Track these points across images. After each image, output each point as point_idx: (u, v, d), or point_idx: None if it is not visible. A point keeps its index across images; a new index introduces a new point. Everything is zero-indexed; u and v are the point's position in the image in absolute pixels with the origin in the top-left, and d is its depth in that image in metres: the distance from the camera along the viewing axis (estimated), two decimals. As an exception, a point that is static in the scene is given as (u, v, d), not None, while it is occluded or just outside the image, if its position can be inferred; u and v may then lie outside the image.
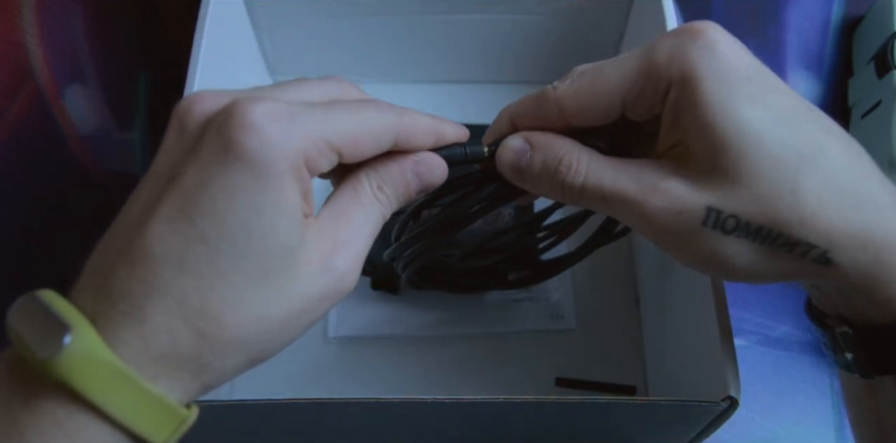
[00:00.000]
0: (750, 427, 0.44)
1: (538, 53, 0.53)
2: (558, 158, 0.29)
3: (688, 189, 0.27)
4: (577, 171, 0.28)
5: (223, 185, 0.23)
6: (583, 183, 0.28)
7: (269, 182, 0.23)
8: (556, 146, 0.29)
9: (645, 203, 0.27)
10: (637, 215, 0.27)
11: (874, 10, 0.56)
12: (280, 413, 0.34)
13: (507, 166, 0.30)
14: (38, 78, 0.55)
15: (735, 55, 0.26)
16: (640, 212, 0.27)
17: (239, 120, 0.23)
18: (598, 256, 0.48)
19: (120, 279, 0.23)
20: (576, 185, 0.28)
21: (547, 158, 0.29)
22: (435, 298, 0.46)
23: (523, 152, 0.30)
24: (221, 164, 0.23)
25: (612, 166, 0.28)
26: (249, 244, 0.23)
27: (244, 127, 0.23)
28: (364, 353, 0.45)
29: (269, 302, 0.24)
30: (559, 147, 0.29)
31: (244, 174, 0.23)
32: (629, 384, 0.44)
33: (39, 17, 0.57)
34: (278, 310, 0.24)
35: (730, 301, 0.34)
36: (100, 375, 0.22)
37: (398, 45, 0.52)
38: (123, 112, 0.54)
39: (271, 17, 0.50)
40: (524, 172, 0.30)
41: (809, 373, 0.45)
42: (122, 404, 0.22)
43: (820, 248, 0.26)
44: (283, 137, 0.23)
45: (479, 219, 0.34)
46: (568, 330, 0.46)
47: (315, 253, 0.25)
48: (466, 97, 0.54)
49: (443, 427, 0.37)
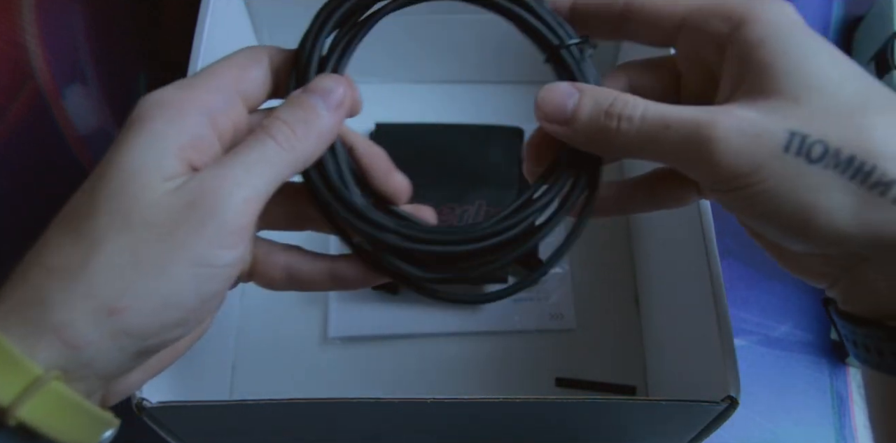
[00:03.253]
0: (750, 427, 0.44)
1: (538, 53, 0.52)
2: (610, 96, 0.27)
3: (765, 116, 0.24)
4: (635, 103, 0.26)
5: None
6: (643, 112, 0.26)
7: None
8: (605, 90, 0.27)
9: (717, 123, 0.24)
10: (706, 141, 0.24)
11: (874, 10, 0.56)
12: (280, 413, 0.34)
13: (553, 108, 0.27)
14: (38, 78, 0.55)
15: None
16: (711, 135, 0.24)
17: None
18: (598, 256, 0.48)
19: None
20: (635, 114, 0.26)
21: (598, 96, 0.27)
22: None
23: (571, 93, 0.27)
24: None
25: (669, 104, 0.26)
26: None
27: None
28: (364, 353, 0.45)
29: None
30: (609, 90, 0.27)
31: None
32: (629, 384, 0.44)
33: (39, 17, 0.57)
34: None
35: (730, 301, 0.34)
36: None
37: (398, 45, 0.52)
38: (123, 112, 0.54)
39: (271, 17, 0.50)
40: (572, 114, 0.27)
41: (809, 373, 0.45)
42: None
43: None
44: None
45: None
46: (568, 330, 0.46)
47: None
48: (466, 97, 0.54)
49: (443, 427, 0.37)
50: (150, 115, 0.25)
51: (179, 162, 0.25)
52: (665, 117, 0.25)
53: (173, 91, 0.26)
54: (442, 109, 0.53)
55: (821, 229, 0.24)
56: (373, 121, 0.52)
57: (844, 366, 0.45)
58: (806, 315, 0.47)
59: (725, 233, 0.49)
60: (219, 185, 0.24)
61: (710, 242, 0.35)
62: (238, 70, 0.28)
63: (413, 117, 0.52)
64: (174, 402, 0.32)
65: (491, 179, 0.49)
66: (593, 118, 0.27)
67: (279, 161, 0.26)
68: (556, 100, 0.27)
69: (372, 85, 0.55)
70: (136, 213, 0.24)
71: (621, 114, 0.26)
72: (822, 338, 0.46)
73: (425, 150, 0.50)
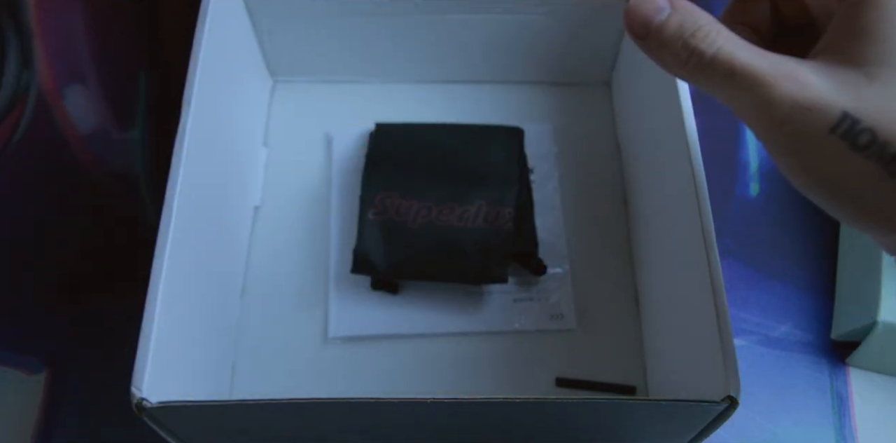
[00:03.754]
0: (750, 427, 0.44)
1: (538, 53, 0.53)
2: (697, 23, 0.26)
3: (829, 87, 0.23)
4: (714, 39, 0.25)
5: None
6: (716, 52, 0.25)
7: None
8: (698, 13, 0.27)
9: (776, 86, 0.24)
10: (761, 100, 0.24)
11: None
12: (280, 413, 0.34)
13: (639, 20, 0.27)
14: (38, 78, 0.55)
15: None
16: (766, 96, 0.24)
17: None
18: (598, 256, 0.48)
19: None
20: (708, 52, 0.25)
21: (685, 20, 0.26)
22: (435, 297, 0.47)
23: (662, 9, 0.27)
24: None
25: (750, 47, 0.25)
26: None
27: None
28: (364, 353, 0.45)
29: None
30: (701, 15, 0.26)
31: None
32: (629, 384, 0.44)
33: (39, 17, 0.57)
34: None
35: (730, 301, 0.34)
36: None
37: (398, 45, 0.52)
38: (123, 112, 0.54)
39: (271, 17, 0.50)
40: (653, 31, 0.27)
41: (809, 373, 0.45)
42: None
43: None
44: None
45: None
46: (568, 330, 0.46)
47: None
48: (466, 97, 0.54)
49: (443, 427, 0.37)
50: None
51: None
52: (733, 64, 0.25)
53: None
54: (442, 109, 0.53)
55: (855, 217, 0.24)
56: (373, 121, 0.52)
57: (844, 366, 0.45)
58: (806, 315, 0.47)
59: (725, 233, 0.49)
60: None
61: (710, 242, 0.35)
62: None
63: (413, 117, 0.52)
64: (174, 402, 0.32)
65: (491, 179, 0.49)
66: (672, 40, 0.26)
67: None
68: (645, 12, 0.27)
69: (372, 85, 0.55)
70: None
71: (696, 47, 0.26)
72: (822, 338, 0.46)
73: (425, 150, 0.50)
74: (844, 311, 0.46)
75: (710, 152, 0.35)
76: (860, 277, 0.44)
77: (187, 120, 0.39)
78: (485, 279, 0.46)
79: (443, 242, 0.46)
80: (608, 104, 0.54)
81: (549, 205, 0.50)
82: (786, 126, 0.24)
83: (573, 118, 0.54)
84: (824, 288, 0.48)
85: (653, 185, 0.45)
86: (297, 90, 0.55)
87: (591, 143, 0.53)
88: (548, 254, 0.48)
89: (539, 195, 0.50)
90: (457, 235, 0.46)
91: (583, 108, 0.54)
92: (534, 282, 0.47)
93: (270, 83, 0.55)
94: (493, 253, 0.46)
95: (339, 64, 0.53)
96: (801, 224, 0.49)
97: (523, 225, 0.48)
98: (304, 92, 0.55)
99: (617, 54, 0.52)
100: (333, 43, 0.52)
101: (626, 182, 0.51)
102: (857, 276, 0.45)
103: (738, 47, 0.25)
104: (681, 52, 0.26)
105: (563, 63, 0.53)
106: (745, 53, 0.25)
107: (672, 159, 0.40)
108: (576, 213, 0.50)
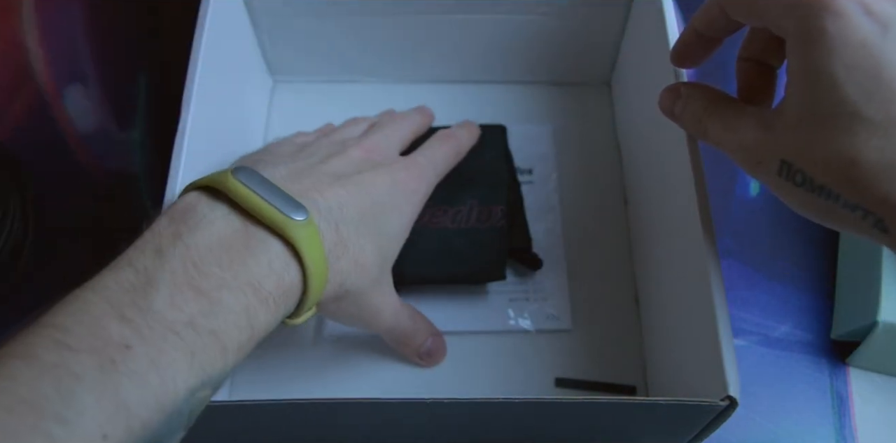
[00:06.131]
0: (750, 427, 0.44)
1: (538, 53, 0.53)
2: (696, 114, 0.34)
3: (770, 141, 0.30)
4: (704, 125, 0.33)
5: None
6: (705, 134, 0.34)
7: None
8: (695, 96, 0.34)
9: (737, 152, 0.31)
10: (734, 158, 0.32)
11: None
12: (279, 413, 0.34)
13: (664, 109, 0.36)
14: (38, 78, 0.55)
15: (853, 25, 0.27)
16: (735, 157, 0.32)
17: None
18: (597, 256, 0.48)
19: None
20: (699, 135, 0.34)
21: (686, 110, 0.35)
22: (432, 297, 0.47)
23: (676, 98, 0.35)
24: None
25: (722, 120, 0.32)
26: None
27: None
28: (362, 352, 0.45)
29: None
30: (697, 99, 0.34)
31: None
32: (629, 384, 0.44)
33: (39, 17, 0.57)
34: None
35: (730, 301, 0.34)
36: (314, 245, 0.31)
37: (399, 45, 0.52)
38: (123, 112, 0.54)
39: (271, 17, 0.50)
40: (675, 116, 0.36)
41: (809, 373, 0.45)
42: (318, 278, 0.31)
43: (876, 215, 0.27)
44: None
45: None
46: (567, 330, 0.46)
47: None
48: (466, 97, 0.54)
49: (442, 427, 0.37)
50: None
51: None
52: (714, 140, 0.33)
53: None
54: (442, 110, 0.53)
55: (834, 226, 0.29)
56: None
57: (844, 366, 0.45)
58: (806, 315, 0.47)
59: (725, 233, 0.49)
60: None
61: (710, 242, 0.35)
62: None
63: (413, 117, 0.52)
64: (174, 402, 0.32)
65: (480, 178, 0.49)
66: (687, 125, 0.36)
67: None
68: (665, 102, 0.36)
69: (372, 85, 0.55)
70: None
71: (696, 133, 0.35)
72: (822, 338, 0.46)
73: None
74: (844, 311, 0.46)
75: (710, 152, 0.36)
76: (860, 277, 0.44)
77: (187, 120, 0.39)
78: (484, 278, 0.46)
79: (439, 244, 0.46)
80: (608, 104, 0.54)
81: (548, 205, 0.50)
82: (755, 175, 0.31)
83: (573, 118, 0.54)
84: (824, 288, 0.48)
85: (653, 185, 0.45)
86: (297, 90, 0.55)
87: (591, 143, 0.53)
88: (547, 254, 0.48)
89: (538, 195, 0.50)
90: (452, 236, 0.46)
91: (583, 108, 0.54)
92: (531, 282, 0.47)
93: (270, 83, 0.55)
94: (490, 251, 0.46)
95: (339, 64, 0.54)
96: (801, 224, 0.49)
97: (515, 221, 0.48)
98: (304, 92, 0.55)
99: (617, 54, 0.52)
100: (333, 43, 0.52)
101: (626, 182, 0.51)
102: (857, 276, 0.45)
103: (717, 124, 0.33)
104: (694, 133, 0.35)
105: (563, 63, 0.53)
106: (717, 131, 0.33)
107: (672, 159, 0.40)
108: (575, 213, 0.50)
